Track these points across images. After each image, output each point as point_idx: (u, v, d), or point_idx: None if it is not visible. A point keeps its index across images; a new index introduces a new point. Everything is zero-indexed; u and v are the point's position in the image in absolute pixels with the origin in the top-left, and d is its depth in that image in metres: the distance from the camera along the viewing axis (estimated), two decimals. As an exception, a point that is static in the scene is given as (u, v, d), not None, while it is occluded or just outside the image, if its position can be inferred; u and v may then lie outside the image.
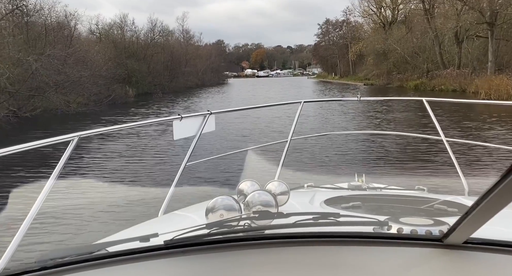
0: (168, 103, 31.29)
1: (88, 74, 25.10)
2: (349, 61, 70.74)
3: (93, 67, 27.14)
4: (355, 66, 69.56)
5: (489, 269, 1.03)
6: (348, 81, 64.09)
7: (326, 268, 1.06)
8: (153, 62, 45.46)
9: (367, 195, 2.31)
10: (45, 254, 1.11)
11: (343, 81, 67.71)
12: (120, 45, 41.04)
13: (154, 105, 29.00)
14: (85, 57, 27.99)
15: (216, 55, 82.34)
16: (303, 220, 1.17)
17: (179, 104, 30.58)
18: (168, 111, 24.87)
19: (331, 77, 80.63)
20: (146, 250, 1.13)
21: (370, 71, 57.41)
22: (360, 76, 61.74)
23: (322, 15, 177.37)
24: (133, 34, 45.27)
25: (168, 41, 55.56)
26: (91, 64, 27.44)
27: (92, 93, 25.46)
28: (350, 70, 71.81)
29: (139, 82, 38.47)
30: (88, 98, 24.94)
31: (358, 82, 58.04)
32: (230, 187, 5.56)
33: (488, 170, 7.77)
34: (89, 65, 26.85)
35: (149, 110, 25.68)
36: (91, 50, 31.16)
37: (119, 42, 41.68)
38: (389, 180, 4.07)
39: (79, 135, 1.89)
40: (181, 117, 2.51)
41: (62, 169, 1.79)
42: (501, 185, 0.74)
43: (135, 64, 38.88)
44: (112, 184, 8.21)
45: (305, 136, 6.64)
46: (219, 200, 1.28)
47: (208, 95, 40.38)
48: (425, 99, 3.22)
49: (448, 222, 1.19)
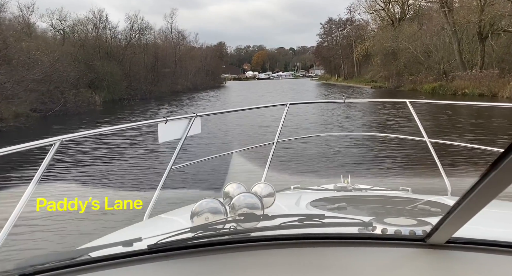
0: (136, 111, 26.16)
1: (17, 78, 19.48)
2: (354, 62, 66.33)
3: (38, 69, 21.64)
4: (360, 68, 65.35)
5: (472, 268, 1.05)
6: (353, 84, 59.31)
7: (311, 270, 1.06)
8: (133, 64, 40.25)
9: (352, 196, 2.35)
10: (24, 261, 1.08)
11: (348, 83, 63.01)
12: (91, 45, 35.65)
13: (116, 115, 23.88)
14: (31, 58, 22.62)
15: (212, 57, 77.82)
16: (289, 222, 1.17)
17: (148, 112, 25.39)
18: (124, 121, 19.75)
19: (334, 79, 77.19)
20: (129, 254, 1.11)
21: (377, 72, 53.15)
22: (366, 78, 57.50)
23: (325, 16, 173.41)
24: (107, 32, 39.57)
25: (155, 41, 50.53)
26: (34, 66, 21.94)
27: (30, 101, 19.92)
28: (354, 72, 67.40)
29: (111, 86, 33.07)
30: (26, 108, 19.58)
31: (364, 85, 53.17)
32: (216, 189, 4.95)
33: (470, 170, 7.77)
34: (30, 68, 21.40)
35: (98, 122, 20.49)
36: (46, 51, 25.87)
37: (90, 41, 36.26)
38: (374, 181, 4.31)
39: (61, 139, 1.88)
40: (166, 120, 2.47)
41: (43, 173, 1.77)
42: (481, 185, 0.76)
43: (107, 66, 33.47)
44: (95, 188, 8.03)
45: (291, 138, 6.35)
46: (204, 203, 1.28)
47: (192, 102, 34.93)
48: (409, 101, 3.29)
49: (431, 222, 1.22)
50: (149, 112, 25.25)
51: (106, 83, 32.69)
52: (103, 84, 32.65)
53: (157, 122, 2.46)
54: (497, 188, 0.77)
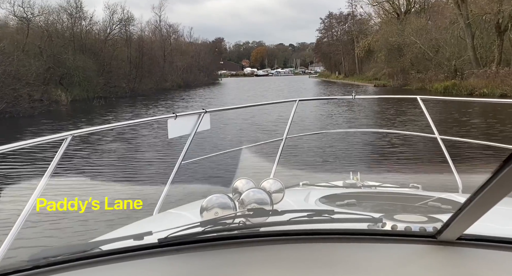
0: (95, 115, 22.42)
1: None
2: (355, 59, 62.98)
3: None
4: (361, 64, 62.03)
5: (482, 265, 1.04)
6: (354, 81, 56.00)
7: (320, 265, 1.06)
8: (114, 58, 36.55)
9: (362, 192, 2.33)
10: (37, 253, 1.09)
11: (349, 81, 59.71)
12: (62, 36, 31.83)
13: (73, 118, 20.32)
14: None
15: (207, 52, 74.51)
16: (298, 217, 1.18)
17: (108, 115, 21.75)
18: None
19: (334, 77, 74.31)
20: (140, 248, 1.12)
21: (380, 69, 50.01)
22: (368, 76, 54.38)
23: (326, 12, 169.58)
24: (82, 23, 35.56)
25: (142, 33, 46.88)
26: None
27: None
28: (356, 69, 64.18)
29: (83, 83, 29.29)
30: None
31: (367, 83, 49.92)
32: (225, 185, 5.20)
33: (482, 168, 7.43)
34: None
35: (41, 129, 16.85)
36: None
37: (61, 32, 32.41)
38: (384, 178, 4.64)
39: (72, 134, 1.91)
40: (176, 116, 2.49)
41: (55, 168, 1.81)
42: (493, 182, 0.76)
43: (79, 61, 29.67)
44: (106, 183, 8.03)
45: (300, 134, 5.90)
46: (213, 198, 1.28)
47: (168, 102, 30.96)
48: (419, 98, 3.29)
49: (442, 219, 1.19)
50: (108, 116, 21.42)
51: (77, 79, 28.92)
52: (74, 80, 28.89)
53: (166, 118, 2.47)
54: (509, 185, 0.77)
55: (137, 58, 41.25)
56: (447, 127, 13.35)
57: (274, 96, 35.50)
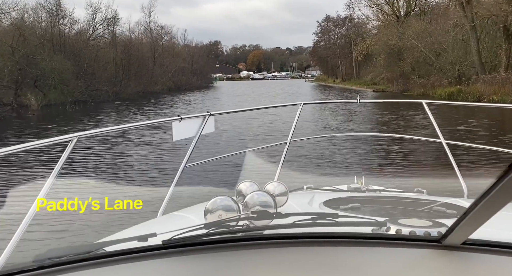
0: (62, 121, 20.11)
1: None
2: (353, 63, 61.12)
3: None
4: (359, 69, 60.18)
5: (487, 270, 1.04)
6: (352, 86, 54.14)
7: (324, 268, 1.07)
8: (97, 60, 34.30)
9: (366, 196, 2.33)
10: (42, 254, 1.09)
11: (346, 85, 57.81)
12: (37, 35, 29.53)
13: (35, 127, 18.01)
14: None
15: (201, 55, 72.51)
16: (302, 220, 1.18)
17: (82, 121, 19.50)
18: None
19: (331, 81, 72.68)
20: (144, 249, 1.12)
21: (379, 74, 48.16)
22: (366, 80, 52.84)
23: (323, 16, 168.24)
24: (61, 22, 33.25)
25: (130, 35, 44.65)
26: None
27: None
28: (353, 73, 62.39)
29: (58, 86, 26.98)
30: None
31: (365, 88, 48.04)
32: (229, 187, 4.63)
33: (487, 172, 7.38)
34: None
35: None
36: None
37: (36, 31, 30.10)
38: (388, 182, 4.52)
39: (78, 135, 1.91)
40: (181, 118, 2.50)
41: (60, 169, 1.81)
42: (498, 187, 0.76)
43: (55, 62, 27.37)
44: (111, 184, 8.01)
45: (305, 138, 6.15)
46: (218, 200, 1.29)
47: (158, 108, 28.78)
48: (425, 102, 3.28)
49: (447, 224, 1.19)
50: (72, 125, 18.96)
51: (53, 82, 26.61)
52: (49, 83, 26.59)
53: (171, 121, 2.47)
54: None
55: (124, 60, 39.03)
56: (452, 132, 13.32)
57: (267, 102, 33.33)
